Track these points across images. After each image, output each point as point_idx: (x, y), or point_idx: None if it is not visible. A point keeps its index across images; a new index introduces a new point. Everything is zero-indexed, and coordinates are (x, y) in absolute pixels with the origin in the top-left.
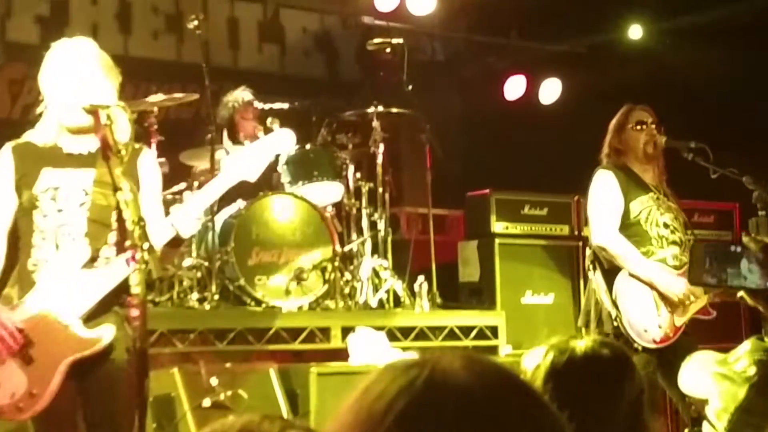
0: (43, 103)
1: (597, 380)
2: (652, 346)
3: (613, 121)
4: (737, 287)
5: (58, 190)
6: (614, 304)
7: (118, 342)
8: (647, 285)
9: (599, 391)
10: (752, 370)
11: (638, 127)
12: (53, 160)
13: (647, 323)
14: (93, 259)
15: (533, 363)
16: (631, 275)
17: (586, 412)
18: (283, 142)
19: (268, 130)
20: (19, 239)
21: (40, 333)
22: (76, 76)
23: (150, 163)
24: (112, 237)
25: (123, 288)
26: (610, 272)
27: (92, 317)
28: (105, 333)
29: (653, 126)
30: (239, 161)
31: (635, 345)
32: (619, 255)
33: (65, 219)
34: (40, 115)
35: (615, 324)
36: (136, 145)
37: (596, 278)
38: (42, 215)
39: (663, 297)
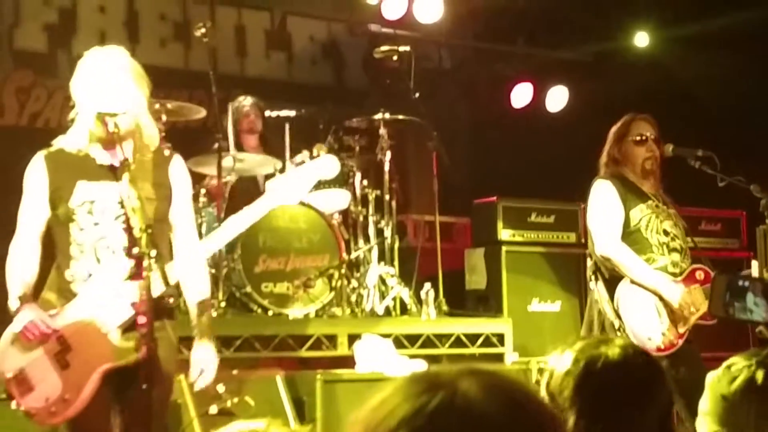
0: (74, 109)
1: (631, 387)
2: (657, 354)
3: (614, 130)
4: (745, 321)
5: (94, 204)
6: (617, 313)
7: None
8: (652, 293)
9: (632, 398)
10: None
11: (638, 139)
12: (87, 172)
13: (651, 331)
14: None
15: (562, 368)
16: (635, 284)
17: (618, 420)
18: (326, 168)
19: (313, 157)
20: (54, 248)
21: (79, 340)
22: (107, 85)
23: (182, 170)
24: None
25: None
26: (612, 282)
27: (132, 328)
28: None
29: (653, 141)
30: (283, 186)
31: None
32: (624, 264)
33: (103, 232)
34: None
35: (618, 333)
36: (166, 152)
37: (598, 288)
38: (79, 228)
39: (666, 305)
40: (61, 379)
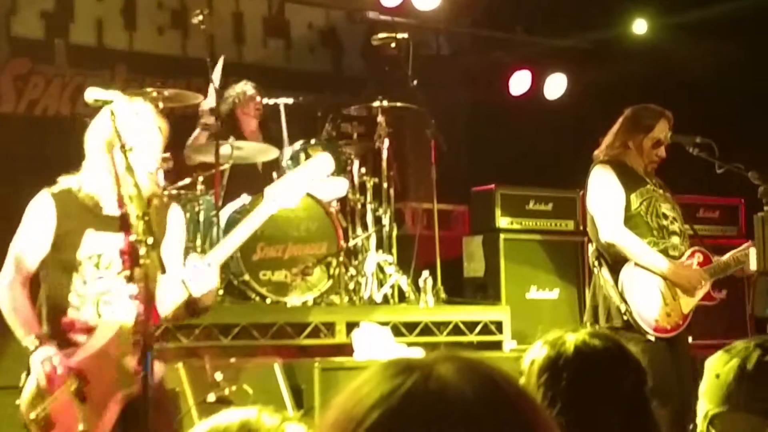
0: (88, 156)
1: (589, 373)
2: (664, 335)
3: (637, 117)
4: None
5: (101, 257)
6: (622, 298)
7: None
8: (659, 276)
9: (592, 383)
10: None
11: (655, 142)
12: (95, 221)
13: (656, 313)
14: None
15: (529, 358)
16: (639, 267)
17: (581, 406)
18: (321, 167)
19: (307, 156)
20: (50, 289)
21: (93, 371)
22: (139, 137)
23: (179, 218)
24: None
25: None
26: (615, 267)
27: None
28: (155, 369)
29: (664, 149)
30: (280, 192)
31: (648, 336)
32: (629, 249)
33: (106, 286)
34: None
35: (625, 318)
36: (165, 199)
37: (603, 274)
38: (82, 281)
39: (671, 286)
40: (80, 413)
